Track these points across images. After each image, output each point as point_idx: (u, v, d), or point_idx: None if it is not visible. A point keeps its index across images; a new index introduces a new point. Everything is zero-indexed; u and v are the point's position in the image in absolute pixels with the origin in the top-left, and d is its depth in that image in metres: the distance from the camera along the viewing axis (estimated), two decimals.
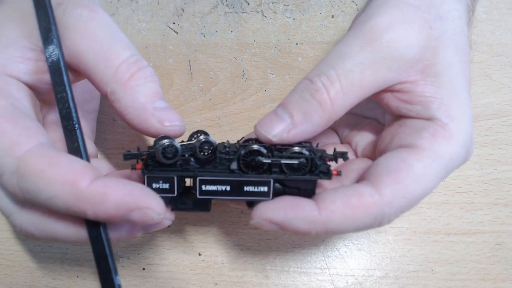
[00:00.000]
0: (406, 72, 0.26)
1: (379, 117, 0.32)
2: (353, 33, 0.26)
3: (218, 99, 0.40)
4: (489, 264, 0.37)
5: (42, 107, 0.29)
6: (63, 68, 0.25)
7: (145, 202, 0.22)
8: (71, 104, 0.24)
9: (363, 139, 0.32)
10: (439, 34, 0.26)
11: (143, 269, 0.38)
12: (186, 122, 0.40)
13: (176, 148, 0.24)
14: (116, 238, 0.25)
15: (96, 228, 0.24)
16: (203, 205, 0.27)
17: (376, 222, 0.25)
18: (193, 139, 0.27)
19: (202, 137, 0.25)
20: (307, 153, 0.25)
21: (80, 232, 0.24)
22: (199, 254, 0.38)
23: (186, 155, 0.25)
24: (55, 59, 0.25)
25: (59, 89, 0.24)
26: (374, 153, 0.30)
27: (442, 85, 0.26)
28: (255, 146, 0.25)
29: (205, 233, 0.38)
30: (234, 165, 0.25)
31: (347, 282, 0.37)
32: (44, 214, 0.24)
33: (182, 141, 0.27)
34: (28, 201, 0.23)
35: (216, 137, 0.27)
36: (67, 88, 0.25)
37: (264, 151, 0.25)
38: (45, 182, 0.22)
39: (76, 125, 0.24)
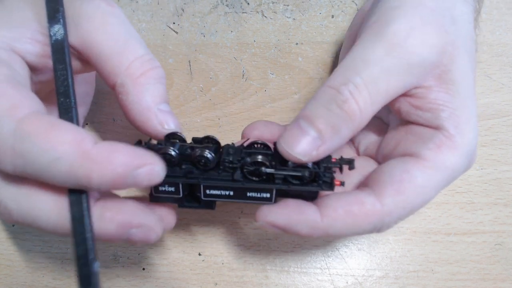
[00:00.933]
0: (425, 77, 0.26)
1: (383, 116, 0.32)
2: (373, 37, 0.25)
3: (218, 99, 0.40)
4: (489, 264, 0.37)
5: None
6: (66, 48, 0.25)
7: (150, 158, 0.22)
8: (70, 82, 0.24)
9: (366, 138, 0.32)
10: (453, 38, 0.26)
11: (143, 269, 0.38)
12: (186, 122, 0.40)
13: (171, 156, 0.25)
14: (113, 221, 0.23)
15: (79, 205, 0.22)
16: (208, 204, 0.28)
17: (375, 229, 0.25)
18: (203, 142, 0.27)
19: (204, 152, 0.25)
20: (310, 165, 0.25)
21: (62, 215, 0.23)
22: (199, 254, 0.38)
23: (188, 163, 0.26)
24: (59, 38, 0.25)
25: (60, 66, 0.24)
26: (377, 152, 0.30)
27: (456, 94, 0.26)
28: (259, 157, 0.25)
29: (205, 233, 0.38)
30: (238, 175, 0.25)
31: (347, 282, 0.37)
32: (31, 188, 0.23)
33: (193, 139, 0.27)
34: (17, 170, 0.22)
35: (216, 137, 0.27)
36: (68, 67, 0.25)
37: (268, 162, 0.25)
38: (49, 142, 0.21)
39: (73, 103, 0.24)
